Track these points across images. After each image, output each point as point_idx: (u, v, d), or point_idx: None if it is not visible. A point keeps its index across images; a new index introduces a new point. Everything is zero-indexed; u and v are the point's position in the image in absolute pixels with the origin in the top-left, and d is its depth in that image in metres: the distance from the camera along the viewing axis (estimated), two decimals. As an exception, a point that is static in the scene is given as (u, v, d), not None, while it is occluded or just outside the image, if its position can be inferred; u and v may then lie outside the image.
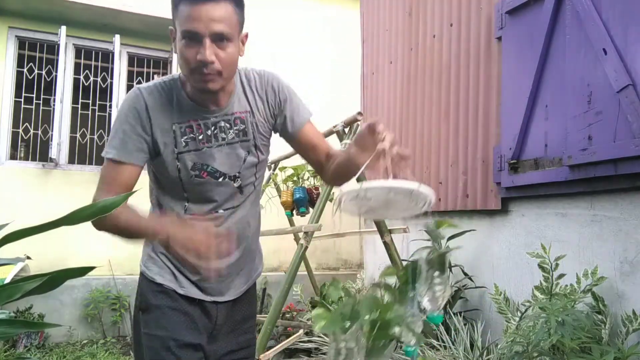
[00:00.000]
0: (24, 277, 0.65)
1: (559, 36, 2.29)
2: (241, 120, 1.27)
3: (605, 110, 2.00)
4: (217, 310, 1.32)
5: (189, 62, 1.10)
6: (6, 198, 4.40)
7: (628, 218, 2.00)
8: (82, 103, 5.00)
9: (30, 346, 3.89)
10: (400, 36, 3.85)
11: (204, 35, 1.08)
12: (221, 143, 1.25)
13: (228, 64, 1.13)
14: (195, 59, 1.09)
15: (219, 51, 1.10)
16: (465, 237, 2.84)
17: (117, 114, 1.22)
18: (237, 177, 1.28)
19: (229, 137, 1.26)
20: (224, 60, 1.11)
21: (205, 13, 1.07)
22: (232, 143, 1.26)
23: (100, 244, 4.44)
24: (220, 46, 1.10)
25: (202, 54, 1.08)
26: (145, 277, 1.30)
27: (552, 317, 1.79)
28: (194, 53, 1.09)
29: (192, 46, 1.09)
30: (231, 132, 1.26)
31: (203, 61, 1.08)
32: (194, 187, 1.25)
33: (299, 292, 4.09)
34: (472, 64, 2.95)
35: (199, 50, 1.08)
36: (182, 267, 1.28)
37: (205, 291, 1.29)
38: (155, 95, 1.21)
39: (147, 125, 1.19)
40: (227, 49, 1.12)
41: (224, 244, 1.10)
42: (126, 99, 1.21)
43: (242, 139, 1.27)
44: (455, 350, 2.35)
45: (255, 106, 1.29)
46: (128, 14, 4.74)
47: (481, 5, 2.89)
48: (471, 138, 2.93)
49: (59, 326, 0.72)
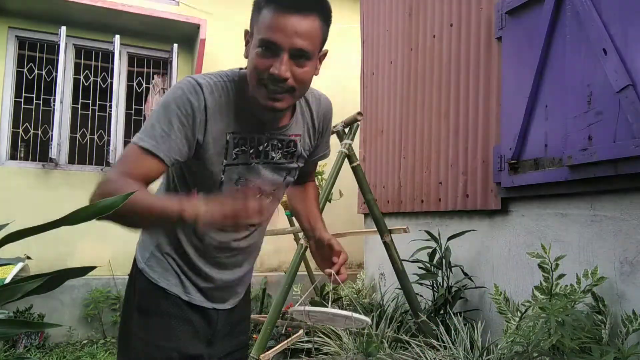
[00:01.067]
0: (24, 277, 0.65)
1: (559, 36, 2.29)
2: (294, 143, 1.22)
3: (605, 110, 2.00)
4: (218, 316, 1.27)
5: (261, 73, 1.00)
6: (6, 198, 4.40)
7: (628, 218, 2.00)
8: (82, 103, 5.00)
9: (30, 346, 3.89)
10: (400, 36, 3.85)
11: (284, 49, 0.98)
12: (269, 161, 1.19)
13: (302, 83, 1.04)
14: (268, 71, 0.99)
15: (296, 68, 1.01)
16: (465, 237, 2.84)
17: (166, 100, 1.05)
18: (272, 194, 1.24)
19: (277, 157, 1.20)
20: (298, 78, 1.02)
21: (291, 25, 0.97)
22: (279, 164, 1.21)
23: (100, 244, 4.45)
24: (298, 63, 1.01)
25: (277, 67, 0.98)
26: (145, 276, 1.21)
27: (552, 317, 1.79)
28: (268, 65, 0.99)
29: (268, 57, 0.99)
30: (280, 152, 1.20)
31: (277, 76, 0.99)
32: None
33: (299, 292, 4.09)
34: (472, 64, 2.95)
35: (274, 63, 0.99)
36: (188, 272, 1.21)
37: (209, 298, 1.24)
38: (215, 96, 1.08)
39: (201, 128, 1.07)
40: (305, 67, 1.02)
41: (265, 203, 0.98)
42: (181, 89, 1.06)
43: (288, 161, 1.23)
44: (455, 351, 2.35)
45: (307, 131, 1.24)
46: (128, 14, 4.74)
47: (481, 5, 2.89)
48: (471, 138, 2.93)
49: (59, 326, 0.72)
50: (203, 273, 1.21)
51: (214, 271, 1.21)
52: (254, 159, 1.16)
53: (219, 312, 1.27)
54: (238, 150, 1.13)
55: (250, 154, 1.15)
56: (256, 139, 1.15)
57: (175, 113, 1.03)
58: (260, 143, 1.16)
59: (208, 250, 1.19)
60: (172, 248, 1.20)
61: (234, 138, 1.12)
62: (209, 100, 1.06)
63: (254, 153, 1.15)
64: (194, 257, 1.19)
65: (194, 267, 1.20)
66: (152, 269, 1.20)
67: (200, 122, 1.06)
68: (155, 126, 1.03)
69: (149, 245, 1.23)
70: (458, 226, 3.04)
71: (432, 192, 3.31)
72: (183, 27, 4.99)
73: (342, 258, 1.19)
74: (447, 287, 2.78)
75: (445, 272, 2.82)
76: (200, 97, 1.05)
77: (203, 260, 1.20)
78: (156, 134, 1.02)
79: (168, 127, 1.02)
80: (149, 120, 1.05)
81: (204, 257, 1.20)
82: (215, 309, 1.26)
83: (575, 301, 1.94)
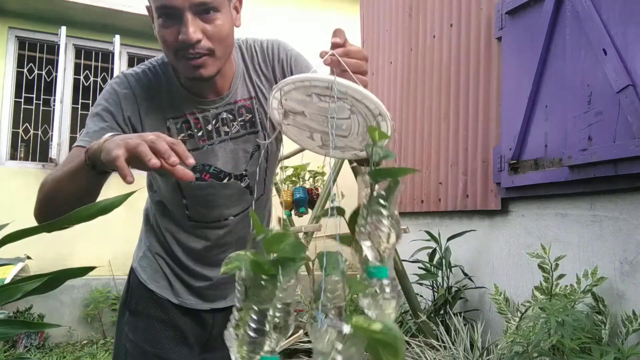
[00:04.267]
0: (24, 277, 0.65)
1: (559, 36, 2.29)
2: (246, 108, 1.06)
3: (605, 110, 2.00)
4: (214, 319, 1.18)
5: (170, 45, 0.89)
6: (6, 198, 4.40)
7: (628, 218, 2.00)
8: (82, 103, 5.00)
9: (30, 346, 3.89)
10: (400, 36, 3.85)
11: (183, 9, 0.85)
12: (224, 138, 1.05)
13: (220, 39, 0.90)
14: (177, 40, 0.87)
15: (206, 26, 0.88)
16: (465, 237, 2.84)
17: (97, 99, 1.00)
18: (244, 175, 1.10)
19: (233, 131, 1.06)
20: (213, 35, 0.89)
21: None
22: (237, 137, 1.06)
23: (100, 244, 4.45)
24: (206, 19, 0.88)
25: (183, 32, 0.86)
26: (137, 276, 1.16)
27: (552, 318, 1.79)
28: (175, 33, 0.87)
29: (171, 25, 0.87)
30: (235, 124, 1.05)
31: (186, 42, 0.86)
32: (194, 192, 1.07)
33: (299, 292, 4.09)
34: (472, 64, 2.95)
35: (179, 29, 0.87)
36: (180, 273, 1.14)
37: (205, 298, 1.16)
38: (143, 83, 1.00)
39: (135, 118, 0.99)
40: (216, 20, 0.89)
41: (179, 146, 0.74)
42: (109, 84, 1.00)
43: (249, 131, 1.07)
44: (455, 351, 2.35)
45: (261, 89, 1.07)
46: (128, 14, 4.74)
47: (481, 5, 2.89)
48: (471, 138, 2.93)
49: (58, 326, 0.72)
50: (195, 272, 1.14)
51: (206, 269, 1.15)
52: (205, 141, 1.04)
53: (215, 315, 1.18)
54: (184, 136, 1.02)
55: (200, 137, 1.03)
56: (201, 118, 1.03)
57: (103, 107, 0.98)
58: (207, 122, 1.03)
59: (195, 250, 1.13)
60: (162, 249, 1.15)
61: (175, 123, 1.02)
62: (136, 88, 0.99)
63: (203, 135, 1.03)
64: (182, 257, 1.14)
65: (186, 268, 1.14)
66: (144, 270, 1.16)
67: (133, 112, 0.98)
68: (88, 125, 0.98)
69: (142, 245, 1.19)
70: (458, 226, 3.04)
71: (432, 192, 3.31)
72: (183, 27, 4.99)
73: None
74: (447, 287, 2.78)
75: (445, 272, 2.82)
76: (127, 85, 0.98)
77: (193, 260, 1.14)
78: (89, 131, 0.96)
79: (99, 121, 0.97)
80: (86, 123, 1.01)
81: (192, 257, 1.14)
82: (212, 311, 1.18)
83: (575, 301, 1.94)
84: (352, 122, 0.70)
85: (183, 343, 1.14)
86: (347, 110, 0.67)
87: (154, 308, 1.14)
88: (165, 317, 1.14)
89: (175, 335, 1.13)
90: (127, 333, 1.15)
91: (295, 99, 0.68)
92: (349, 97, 0.63)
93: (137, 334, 1.13)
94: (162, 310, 1.14)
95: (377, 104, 0.62)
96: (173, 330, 1.14)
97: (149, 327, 1.13)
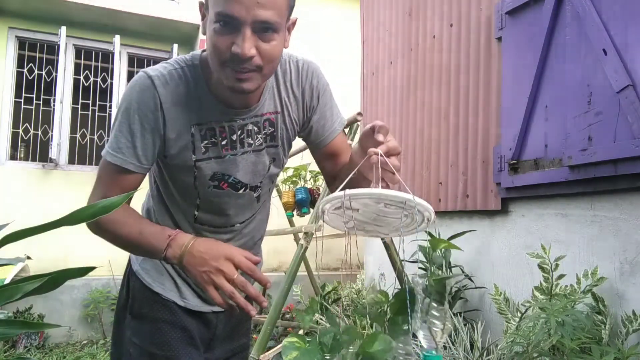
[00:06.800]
0: (24, 277, 0.65)
1: (559, 36, 2.29)
2: (270, 122, 1.07)
3: (605, 110, 2.00)
4: (217, 319, 1.21)
5: (222, 53, 0.87)
6: (6, 198, 4.40)
7: (628, 218, 2.00)
8: (82, 103, 5.00)
9: (30, 346, 3.89)
10: (400, 36, 3.85)
11: (245, 23, 0.84)
12: (247, 150, 1.05)
13: (270, 59, 0.90)
14: (230, 50, 0.86)
15: (261, 44, 0.87)
16: (465, 237, 2.84)
17: (121, 105, 0.98)
18: (258, 187, 1.12)
19: (256, 143, 1.06)
20: (266, 55, 0.88)
21: None
22: (258, 150, 1.07)
23: (100, 244, 4.44)
24: (264, 37, 0.87)
25: (239, 46, 0.85)
26: (139, 279, 1.16)
27: (552, 318, 1.79)
28: (229, 43, 0.86)
29: (227, 34, 0.86)
30: (259, 136, 1.06)
31: (240, 56, 0.85)
32: (209, 198, 1.08)
33: (299, 293, 4.09)
34: (472, 64, 2.95)
35: (235, 40, 0.85)
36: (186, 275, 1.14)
37: (208, 301, 1.17)
38: (171, 87, 0.98)
39: (160, 126, 0.98)
40: (272, 41, 0.88)
41: (256, 274, 0.98)
42: (133, 89, 0.97)
43: (269, 144, 1.08)
44: (455, 351, 2.35)
45: (287, 107, 1.08)
46: (128, 14, 4.75)
47: (481, 5, 2.89)
48: (471, 138, 2.93)
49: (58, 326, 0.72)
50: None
51: None
52: (228, 150, 1.03)
53: (218, 316, 1.21)
54: (207, 143, 1.01)
55: (223, 146, 1.03)
56: (227, 128, 1.02)
57: (134, 118, 0.96)
58: (232, 132, 1.02)
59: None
60: None
61: (199, 130, 1.00)
62: (162, 93, 0.97)
63: (227, 144, 1.03)
64: None
65: None
66: (147, 272, 1.15)
67: (159, 119, 0.98)
68: (118, 137, 0.97)
69: None
70: (458, 226, 3.04)
71: (432, 193, 3.31)
72: (183, 27, 4.99)
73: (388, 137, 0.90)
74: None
75: (445, 273, 2.81)
76: (153, 93, 0.96)
77: None
78: (122, 146, 0.97)
79: (131, 135, 0.97)
80: (113, 128, 1.00)
81: None
82: (215, 312, 1.20)
83: (575, 301, 1.94)
84: (397, 219, 0.80)
85: (191, 344, 1.14)
86: (401, 212, 0.76)
87: (160, 310, 1.13)
88: (173, 318, 1.13)
89: (183, 336, 1.13)
90: (130, 337, 1.14)
91: (362, 202, 0.75)
92: (418, 211, 0.73)
93: (144, 338, 1.12)
94: (169, 312, 1.14)
95: (431, 211, 0.74)
96: (181, 331, 1.14)
97: (156, 330, 1.12)
